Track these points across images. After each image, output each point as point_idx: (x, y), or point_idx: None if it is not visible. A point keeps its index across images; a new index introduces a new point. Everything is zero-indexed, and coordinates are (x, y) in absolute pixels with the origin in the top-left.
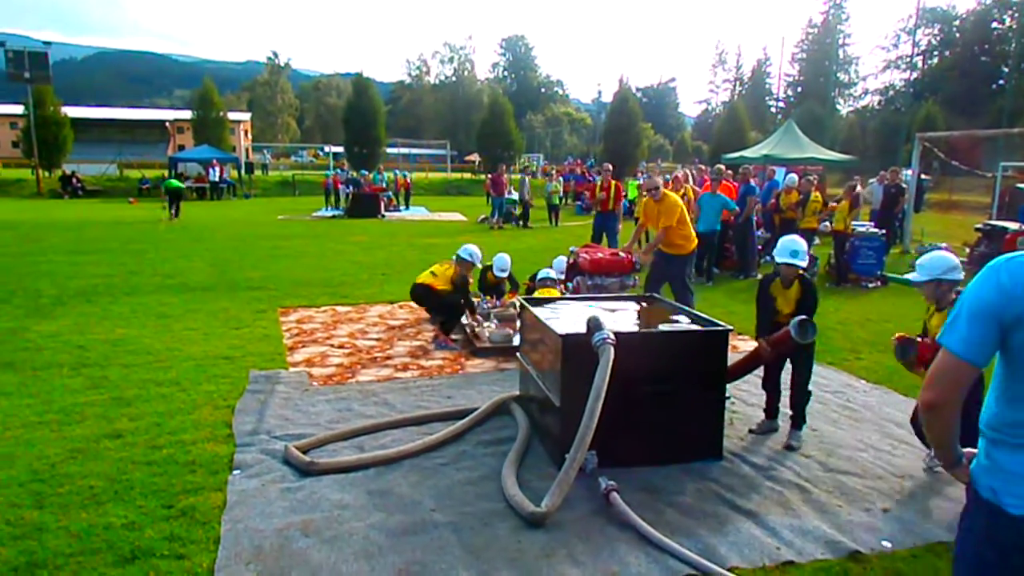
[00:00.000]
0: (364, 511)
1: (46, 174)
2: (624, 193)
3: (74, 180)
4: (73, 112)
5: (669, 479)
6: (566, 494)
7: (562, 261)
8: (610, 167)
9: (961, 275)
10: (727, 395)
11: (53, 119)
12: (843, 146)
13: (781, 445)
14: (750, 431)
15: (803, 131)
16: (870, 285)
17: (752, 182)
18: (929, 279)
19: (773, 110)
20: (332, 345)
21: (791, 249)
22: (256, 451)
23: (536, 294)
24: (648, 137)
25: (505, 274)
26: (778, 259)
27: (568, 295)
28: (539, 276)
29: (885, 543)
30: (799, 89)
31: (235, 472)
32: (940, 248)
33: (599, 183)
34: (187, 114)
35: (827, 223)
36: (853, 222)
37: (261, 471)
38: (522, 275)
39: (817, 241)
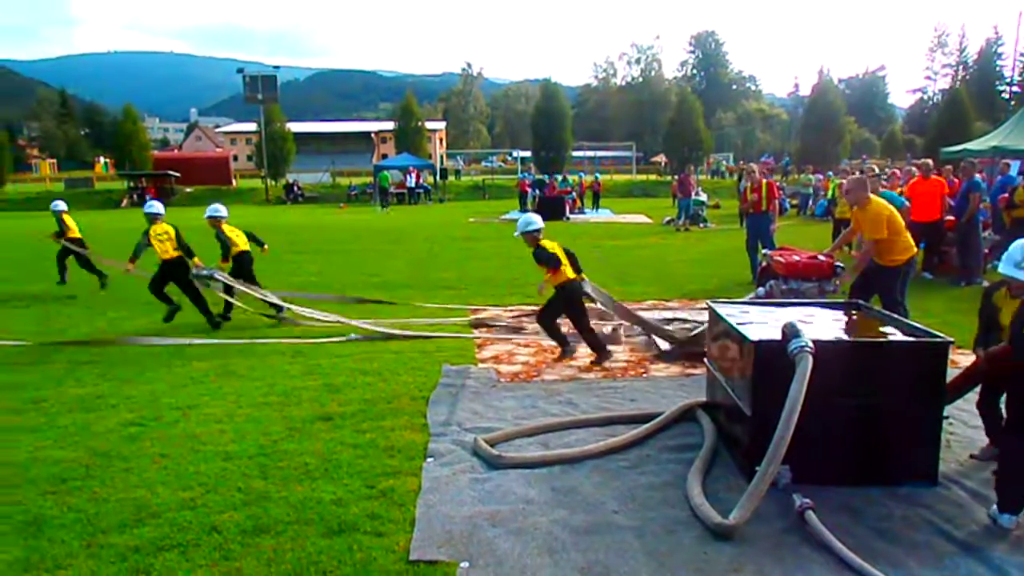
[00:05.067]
0: (548, 507)
1: (273, 183)
2: (779, 193)
3: (295, 188)
4: (295, 127)
5: (872, 502)
6: (756, 508)
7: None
8: (754, 167)
9: None
10: (944, 414)
11: (279, 134)
12: None
13: None
14: (971, 456)
15: None
16: None
17: (977, 177)
18: None
19: (1005, 95)
20: (518, 343)
21: (1016, 259)
22: (448, 441)
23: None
24: (851, 132)
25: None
26: (1001, 269)
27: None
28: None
29: None
30: None
31: (429, 459)
32: None
33: (749, 184)
34: (390, 125)
35: None
36: None
37: (452, 460)
38: (708, 279)
39: None
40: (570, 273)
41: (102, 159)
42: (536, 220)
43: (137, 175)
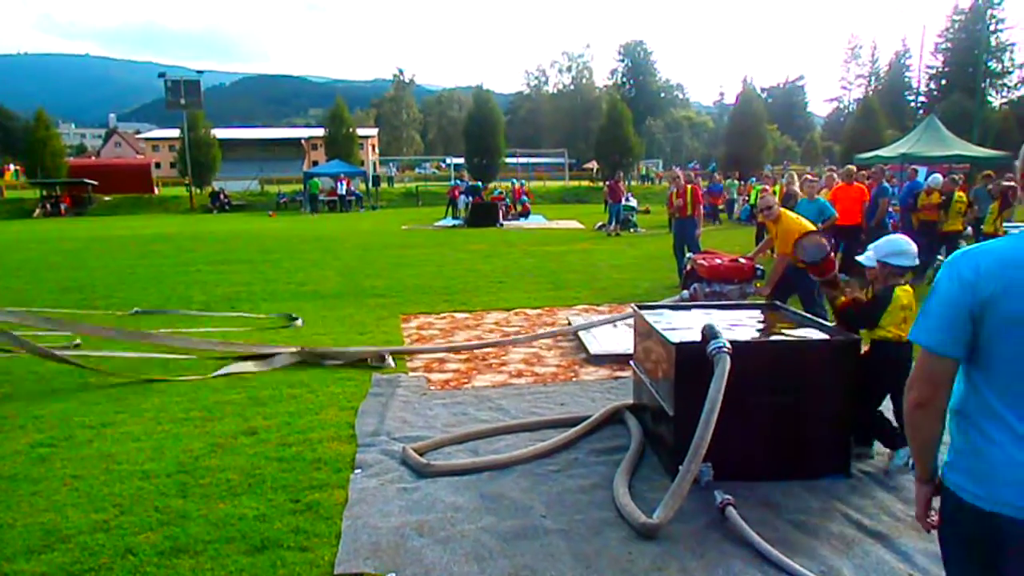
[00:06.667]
0: (476, 514)
1: (198, 191)
2: (702, 198)
3: (222, 196)
4: (221, 134)
5: (790, 496)
6: (679, 506)
7: None
8: (679, 173)
9: (913, 262)
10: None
11: (204, 141)
12: (996, 142)
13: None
14: None
15: (948, 127)
16: None
17: (886, 183)
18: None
19: (913, 105)
20: (450, 351)
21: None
22: (376, 451)
23: None
24: (774, 139)
25: None
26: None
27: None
28: None
29: None
30: (943, 82)
31: (356, 471)
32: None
33: (675, 190)
34: (320, 131)
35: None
36: (1006, 224)
37: (380, 471)
38: (638, 283)
39: (963, 244)
40: None
41: (12, 166)
42: None
43: (51, 183)
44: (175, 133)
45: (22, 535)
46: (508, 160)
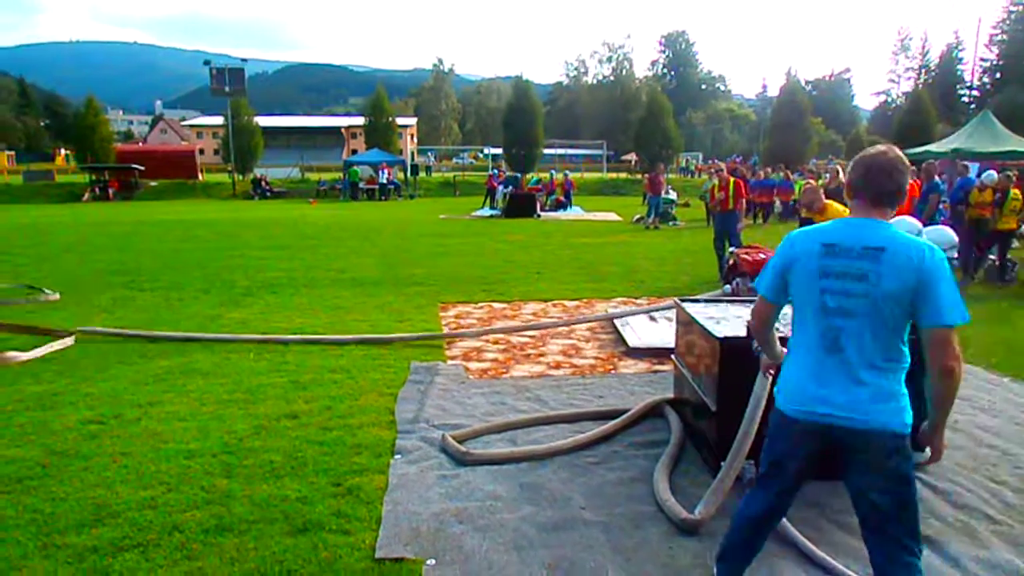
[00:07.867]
0: (516, 503)
1: (240, 177)
2: (746, 191)
3: (263, 183)
4: (263, 121)
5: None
6: (721, 503)
7: None
8: (722, 166)
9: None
10: None
11: (247, 128)
12: None
13: (968, 468)
14: None
15: (1003, 122)
16: None
17: (937, 178)
18: None
19: (965, 99)
20: (488, 340)
21: None
22: (416, 438)
23: None
24: (818, 133)
25: None
26: None
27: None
28: None
29: None
30: (998, 75)
31: (396, 457)
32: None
33: (716, 183)
34: (360, 120)
35: None
36: None
37: (420, 457)
38: (676, 277)
39: (1015, 244)
40: None
41: (63, 151)
42: None
43: (100, 168)
44: (219, 120)
45: (73, 509)
46: (546, 151)
